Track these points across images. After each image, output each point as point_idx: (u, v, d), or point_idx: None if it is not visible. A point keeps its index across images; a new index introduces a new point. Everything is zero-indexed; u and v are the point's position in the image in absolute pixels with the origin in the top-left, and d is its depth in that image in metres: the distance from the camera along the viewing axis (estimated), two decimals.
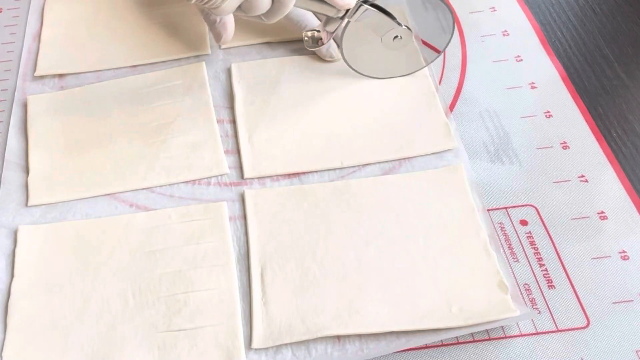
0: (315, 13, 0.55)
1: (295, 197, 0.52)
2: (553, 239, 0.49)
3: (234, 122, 0.58)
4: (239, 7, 0.48)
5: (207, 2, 0.46)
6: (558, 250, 0.49)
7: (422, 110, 0.57)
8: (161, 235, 0.51)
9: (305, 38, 0.58)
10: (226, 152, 0.56)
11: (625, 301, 0.46)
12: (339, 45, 0.57)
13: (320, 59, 0.61)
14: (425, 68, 0.61)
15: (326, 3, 0.52)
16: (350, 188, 0.53)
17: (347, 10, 0.53)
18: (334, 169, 0.54)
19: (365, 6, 0.53)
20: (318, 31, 0.58)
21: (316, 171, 0.54)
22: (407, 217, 0.50)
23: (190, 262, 0.49)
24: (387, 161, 0.54)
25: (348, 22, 0.54)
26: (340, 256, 0.49)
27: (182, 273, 0.48)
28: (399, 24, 0.55)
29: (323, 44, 0.57)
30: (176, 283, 0.48)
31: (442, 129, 0.56)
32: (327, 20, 0.56)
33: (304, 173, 0.54)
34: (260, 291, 0.47)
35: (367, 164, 0.54)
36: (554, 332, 0.45)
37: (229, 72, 0.62)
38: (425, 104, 0.58)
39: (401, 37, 0.56)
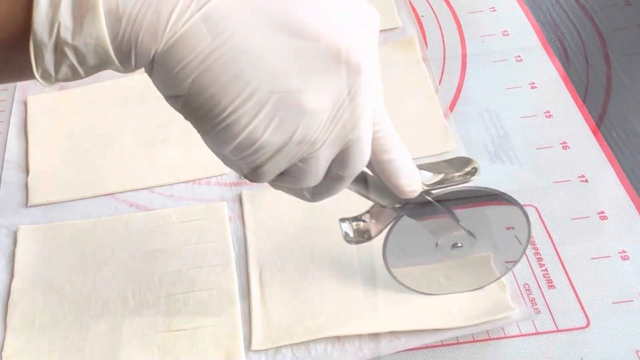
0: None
1: (293, 197, 0.52)
2: (553, 239, 0.49)
3: None
4: (282, 175, 0.34)
5: (245, 161, 0.32)
6: (558, 250, 0.49)
7: (421, 112, 0.57)
8: (161, 235, 0.51)
9: (346, 231, 0.43)
10: None
11: (625, 301, 0.46)
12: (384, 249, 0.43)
13: None
14: (425, 69, 0.61)
15: (384, 189, 0.38)
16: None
17: (407, 203, 0.40)
18: None
19: (431, 200, 0.40)
20: (364, 221, 0.44)
21: None
22: None
23: (190, 262, 0.49)
24: None
25: (402, 216, 0.41)
26: (339, 256, 0.49)
27: (182, 273, 0.48)
28: (465, 229, 0.42)
29: (370, 238, 0.43)
30: (176, 283, 0.48)
31: (440, 131, 0.56)
32: (378, 210, 0.43)
33: None
34: (259, 292, 0.47)
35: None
36: (554, 332, 0.45)
37: None
38: (424, 106, 0.58)
39: (462, 245, 0.43)
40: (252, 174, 0.33)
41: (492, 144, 0.55)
